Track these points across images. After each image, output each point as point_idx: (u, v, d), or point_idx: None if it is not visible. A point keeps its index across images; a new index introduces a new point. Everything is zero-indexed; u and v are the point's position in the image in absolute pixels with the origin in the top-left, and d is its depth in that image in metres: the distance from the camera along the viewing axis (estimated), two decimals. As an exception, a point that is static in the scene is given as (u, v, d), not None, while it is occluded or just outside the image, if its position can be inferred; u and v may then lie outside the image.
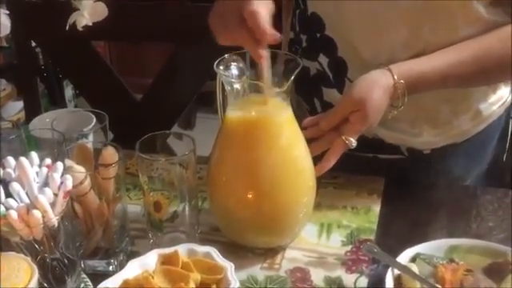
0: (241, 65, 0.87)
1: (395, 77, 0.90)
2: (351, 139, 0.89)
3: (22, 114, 2.39)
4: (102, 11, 0.85)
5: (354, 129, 0.90)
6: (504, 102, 1.07)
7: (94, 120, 0.96)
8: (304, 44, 1.09)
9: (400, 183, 1.03)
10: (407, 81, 0.90)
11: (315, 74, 1.09)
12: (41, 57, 2.48)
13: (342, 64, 1.04)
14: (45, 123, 1.00)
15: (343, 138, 0.89)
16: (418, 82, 0.91)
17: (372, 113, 0.89)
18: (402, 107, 0.91)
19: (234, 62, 0.86)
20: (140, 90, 1.57)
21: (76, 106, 2.84)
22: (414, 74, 0.91)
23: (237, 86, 0.85)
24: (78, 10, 0.84)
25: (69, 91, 2.83)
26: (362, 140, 0.92)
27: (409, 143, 1.07)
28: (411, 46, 0.95)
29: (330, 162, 0.89)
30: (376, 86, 0.89)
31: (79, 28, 0.84)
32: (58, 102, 2.75)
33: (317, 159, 0.91)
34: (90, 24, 0.84)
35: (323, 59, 1.06)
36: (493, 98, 1.06)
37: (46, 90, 2.72)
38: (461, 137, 1.06)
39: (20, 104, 2.47)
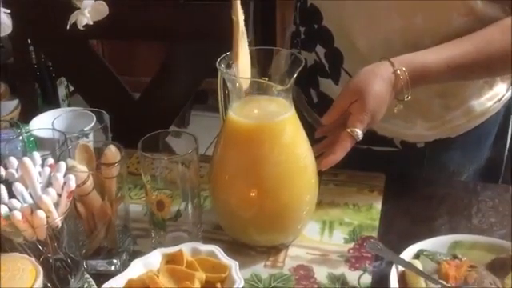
0: None
1: (395, 65, 0.89)
2: (357, 130, 0.88)
3: (16, 114, 2.37)
4: (103, 10, 0.84)
5: (356, 119, 0.88)
6: (501, 98, 1.07)
7: (95, 119, 0.95)
8: (302, 36, 1.10)
9: (401, 179, 1.04)
10: (410, 71, 0.89)
11: (312, 64, 1.09)
12: (33, 56, 2.47)
13: (338, 55, 1.04)
14: (44, 122, 0.99)
15: (348, 130, 0.88)
16: (422, 73, 0.90)
17: (371, 101, 0.88)
18: (408, 98, 0.90)
19: None
20: (133, 89, 1.56)
21: (69, 105, 2.82)
22: (417, 65, 0.90)
23: (239, 83, 0.85)
24: (79, 8, 0.83)
25: (62, 90, 2.81)
26: None
27: (402, 136, 1.07)
28: (405, 37, 0.95)
29: (337, 155, 0.88)
30: (374, 75, 0.89)
31: (80, 27, 0.83)
32: (51, 101, 2.73)
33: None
34: (91, 23, 0.84)
35: (320, 50, 1.07)
36: (489, 94, 1.06)
37: (39, 89, 2.70)
38: (454, 131, 1.06)
39: (13, 104, 2.45)
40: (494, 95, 1.07)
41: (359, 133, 0.88)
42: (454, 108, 1.05)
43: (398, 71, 0.89)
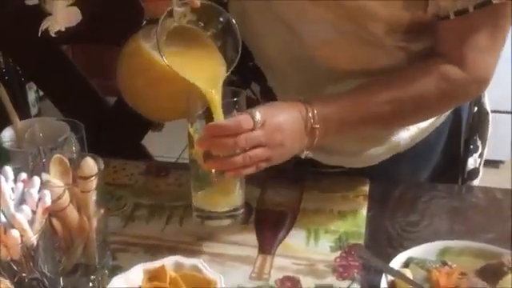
0: None
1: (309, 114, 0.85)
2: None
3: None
4: (76, 16, 0.80)
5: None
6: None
7: (69, 129, 0.92)
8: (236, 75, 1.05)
9: (385, 184, 1.02)
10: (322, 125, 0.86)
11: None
12: (1, 59, 2.40)
13: (272, 93, 1.04)
14: (15, 134, 0.95)
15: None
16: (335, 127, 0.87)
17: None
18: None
19: None
20: (105, 92, 1.52)
21: (40, 110, 2.76)
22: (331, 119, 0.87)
23: None
24: (50, 15, 0.79)
25: (32, 95, 2.74)
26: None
27: (351, 164, 1.04)
28: (330, 77, 0.95)
29: None
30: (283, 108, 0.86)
31: (52, 34, 0.79)
32: (20, 106, 2.66)
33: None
34: (63, 29, 0.80)
35: (255, 87, 1.07)
36: None
37: (8, 94, 2.63)
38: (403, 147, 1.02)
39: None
40: None
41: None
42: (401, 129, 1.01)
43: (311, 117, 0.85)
